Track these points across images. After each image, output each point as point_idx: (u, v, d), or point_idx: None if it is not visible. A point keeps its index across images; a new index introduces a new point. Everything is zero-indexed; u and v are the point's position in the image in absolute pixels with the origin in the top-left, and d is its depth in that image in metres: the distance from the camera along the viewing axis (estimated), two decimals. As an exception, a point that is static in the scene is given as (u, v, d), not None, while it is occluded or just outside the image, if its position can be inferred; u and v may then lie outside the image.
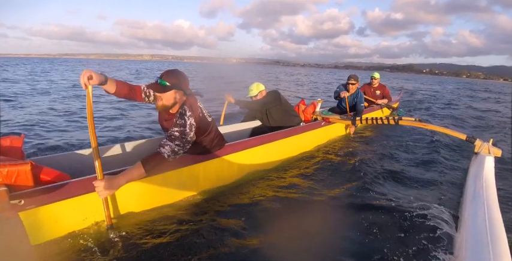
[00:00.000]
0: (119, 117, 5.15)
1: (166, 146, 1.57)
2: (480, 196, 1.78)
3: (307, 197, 2.03)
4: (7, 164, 1.24)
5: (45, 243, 1.30)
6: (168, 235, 1.48)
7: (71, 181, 1.40)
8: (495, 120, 7.07)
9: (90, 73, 1.38)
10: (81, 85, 1.37)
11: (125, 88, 1.65)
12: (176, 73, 1.64)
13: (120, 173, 1.46)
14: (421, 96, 12.78)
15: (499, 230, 1.35)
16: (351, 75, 4.08)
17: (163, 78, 1.59)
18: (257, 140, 2.40)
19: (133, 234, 1.47)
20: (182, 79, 1.65)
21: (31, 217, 1.24)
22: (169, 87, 1.58)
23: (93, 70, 1.39)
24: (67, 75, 15.03)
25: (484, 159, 2.47)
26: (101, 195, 1.36)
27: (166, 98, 1.62)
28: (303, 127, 3.08)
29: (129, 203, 1.61)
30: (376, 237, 1.60)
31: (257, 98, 2.96)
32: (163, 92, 1.58)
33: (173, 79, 1.60)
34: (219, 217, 1.71)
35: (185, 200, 1.84)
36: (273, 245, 1.47)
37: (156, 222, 1.57)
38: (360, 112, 3.94)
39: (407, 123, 3.42)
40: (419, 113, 7.29)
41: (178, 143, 1.60)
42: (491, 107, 10.26)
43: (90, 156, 1.93)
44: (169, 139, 1.60)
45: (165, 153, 1.56)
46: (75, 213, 1.41)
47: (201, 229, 1.56)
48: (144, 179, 1.59)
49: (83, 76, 1.36)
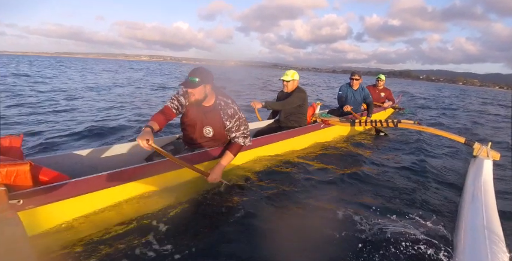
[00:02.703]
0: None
1: (239, 137, 2.01)
2: (478, 199, 1.79)
3: (304, 199, 2.02)
4: (6, 164, 1.24)
5: (44, 242, 1.29)
6: (167, 234, 1.48)
7: (69, 181, 1.40)
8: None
9: (144, 139, 1.57)
10: (146, 148, 1.59)
11: (161, 119, 1.90)
12: (202, 70, 1.86)
13: (216, 164, 1.95)
14: (423, 101, 12.90)
15: (497, 233, 1.36)
16: (354, 71, 4.42)
17: (191, 75, 1.81)
18: (255, 142, 2.40)
19: (133, 232, 1.46)
20: (208, 75, 1.86)
21: (30, 217, 1.24)
22: (199, 82, 1.80)
23: (142, 136, 1.58)
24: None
25: (482, 162, 2.48)
26: (216, 179, 1.92)
27: (198, 93, 1.84)
28: (302, 129, 3.09)
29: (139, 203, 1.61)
30: (373, 240, 1.60)
31: (288, 84, 3.08)
32: (195, 87, 1.80)
33: (201, 75, 1.81)
34: (218, 217, 1.70)
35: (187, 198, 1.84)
36: (269, 246, 1.47)
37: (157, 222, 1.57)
38: (371, 104, 4.39)
39: (407, 125, 3.43)
40: (419, 116, 7.32)
41: (244, 127, 2.02)
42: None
43: (88, 156, 1.94)
44: (236, 130, 1.99)
45: (241, 142, 2.02)
46: (75, 213, 1.41)
47: (201, 229, 1.56)
48: (148, 178, 1.68)
49: (143, 144, 1.56)
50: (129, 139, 3.46)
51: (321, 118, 3.60)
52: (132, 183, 1.64)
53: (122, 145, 2.12)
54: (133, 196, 1.70)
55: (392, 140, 4.12)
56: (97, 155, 1.98)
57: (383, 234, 1.64)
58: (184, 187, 1.90)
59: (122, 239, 1.42)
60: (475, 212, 1.66)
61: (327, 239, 1.58)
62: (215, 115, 1.97)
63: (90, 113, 5.26)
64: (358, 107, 4.47)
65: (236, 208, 1.83)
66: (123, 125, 4.31)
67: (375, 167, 2.80)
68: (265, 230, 1.61)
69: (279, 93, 3.36)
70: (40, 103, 5.95)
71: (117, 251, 1.35)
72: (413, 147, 3.76)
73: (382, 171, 2.72)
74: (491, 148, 2.78)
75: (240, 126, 1.99)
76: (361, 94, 4.36)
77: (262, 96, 9.80)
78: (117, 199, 1.62)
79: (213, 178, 1.91)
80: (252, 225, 1.65)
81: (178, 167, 1.83)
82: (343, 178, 2.49)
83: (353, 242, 1.57)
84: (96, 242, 1.39)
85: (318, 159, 2.92)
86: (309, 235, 1.60)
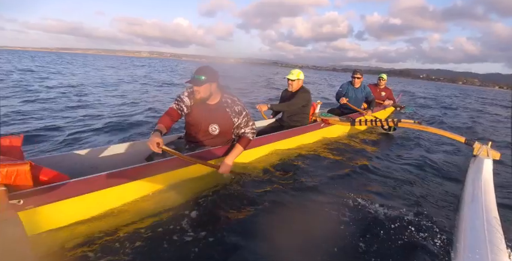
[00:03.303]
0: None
1: (248, 132, 2.09)
2: (478, 199, 1.78)
3: (304, 199, 2.03)
4: (6, 164, 1.24)
5: (44, 242, 1.30)
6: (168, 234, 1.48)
7: (70, 181, 1.40)
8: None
9: (154, 143, 1.68)
10: (157, 151, 1.69)
11: (168, 121, 1.97)
12: (208, 68, 1.90)
13: (227, 155, 2.02)
14: (422, 100, 12.90)
15: (497, 233, 1.35)
16: (356, 70, 4.44)
17: (198, 73, 1.85)
18: (255, 141, 2.40)
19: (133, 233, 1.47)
20: (214, 73, 1.91)
21: (30, 217, 1.24)
22: (205, 80, 1.85)
23: (152, 140, 1.68)
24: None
25: (482, 162, 2.47)
26: (227, 170, 1.98)
27: (203, 90, 1.88)
28: (302, 128, 3.09)
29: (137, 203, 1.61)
30: (373, 240, 1.60)
31: (293, 83, 3.10)
32: (200, 85, 1.85)
33: (207, 74, 1.86)
34: (218, 216, 1.71)
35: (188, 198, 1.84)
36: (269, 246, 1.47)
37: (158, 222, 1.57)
38: (373, 101, 4.45)
39: (407, 125, 3.43)
40: (420, 115, 7.32)
41: (252, 123, 2.10)
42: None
43: (89, 156, 1.94)
44: (244, 126, 2.07)
45: (250, 137, 2.10)
46: (75, 213, 1.41)
47: (199, 229, 1.56)
48: (149, 178, 1.69)
49: (153, 147, 1.68)
50: (146, 135, 3.50)
51: (321, 118, 3.60)
52: (133, 183, 1.64)
53: (122, 144, 2.12)
54: (134, 196, 1.70)
55: (392, 139, 4.12)
56: (97, 155, 1.98)
57: (382, 234, 1.64)
58: (184, 186, 1.90)
59: (122, 240, 1.43)
60: (475, 211, 1.66)
61: (327, 238, 1.58)
62: (221, 112, 2.01)
63: (104, 109, 5.34)
64: (358, 105, 4.48)
65: (237, 206, 1.83)
66: (141, 121, 4.41)
67: (374, 167, 2.80)
68: (267, 227, 1.61)
69: (282, 92, 3.37)
70: (52, 98, 6.05)
71: (117, 251, 1.35)
72: (413, 147, 3.76)
73: (382, 170, 2.72)
74: (491, 147, 2.78)
75: (248, 122, 2.08)
76: (362, 92, 4.38)
77: (266, 94, 9.80)
78: (117, 199, 1.62)
79: (224, 169, 1.97)
80: (254, 222, 1.65)
81: (179, 167, 1.83)
82: (343, 176, 2.49)
83: (353, 242, 1.57)
84: (96, 242, 1.39)
85: (318, 158, 2.92)
86: (311, 232, 1.60)
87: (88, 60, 36.22)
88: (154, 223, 1.57)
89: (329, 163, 2.80)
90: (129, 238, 1.43)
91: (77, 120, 4.27)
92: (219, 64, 2.07)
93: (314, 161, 2.80)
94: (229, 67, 9.30)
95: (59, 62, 23.80)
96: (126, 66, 26.75)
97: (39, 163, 1.50)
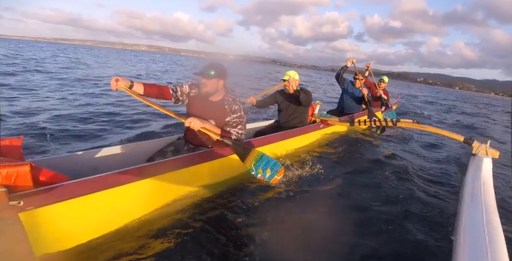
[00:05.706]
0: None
1: (233, 134, 1.97)
2: (478, 198, 1.79)
3: (304, 199, 2.03)
4: (6, 165, 1.24)
5: (44, 244, 1.29)
6: (168, 234, 1.48)
7: (70, 182, 1.40)
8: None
9: (117, 77, 1.70)
10: (112, 87, 1.69)
11: (153, 88, 1.93)
12: (219, 65, 1.94)
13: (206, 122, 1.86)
14: (421, 104, 12.96)
15: (497, 232, 1.35)
16: (357, 71, 4.52)
17: (209, 67, 1.88)
18: (255, 142, 2.41)
19: (134, 234, 1.47)
20: (224, 71, 1.95)
21: (31, 218, 1.24)
22: (215, 75, 1.88)
23: (115, 77, 1.70)
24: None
25: (481, 161, 2.48)
26: (195, 124, 1.77)
27: (211, 85, 1.90)
28: (301, 129, 3.10)
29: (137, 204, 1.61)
30: (372, 239, 1.60)
31: (295, 82, 3.07)
32: (209, 79, 1.88)
33: (217, 70, 1.90)
34: (218, 216, 1.71)
35: (188, 199, 1.84)
36: (271, 244, 1.47)
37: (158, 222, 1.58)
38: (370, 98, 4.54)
39: (406, 124, 3.44)
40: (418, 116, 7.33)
41: (240, 127, 2.02)
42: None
43: (89, 157, 1.94)
44: (232, 127, 1.99)
45: (233, 134, 1.97)
46: (75, 214, 1.41)
47: (200, 229, 1.56)
48: (150, 179, 1.66)
49: (112, 81, 1.69)
50: (149, 137, 3.50)
51: (320, 118, 3.60)
52: (134, 183, 1.64)
53: (123, 146, 2.11)
54: (134, 197, 1.69)
55: (391, 139, 4.13)
56: (97, 156, 1.98)
57: (382, 234, 1.64)
58: (185, 186, 1.90)
59: (122, 240, 1.43)
60: (474, 210, 1.66)
61: (327, 238, 1.58)
62: (221, 109, 2.02)
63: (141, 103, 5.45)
64: (356, 102, 4.58)
65: (237, 206, 1.83)
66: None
67: (374, 167, 2.81)
68: (267, 227, 1.61)
69: (277, 95, 3.25)
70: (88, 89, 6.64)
71: (117, 252, 1.36)
72: (412, 146, 3.77)
73: (381, 170, 2.72)
74: (490, 146, 2.79)
75: (237, 124, 2.03)
76: (360, 92, 4.45)
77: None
78: (118, 200, 1.62)
79: (191, 120, 1.77)
80: (255, 222, 1.66)
81: (180, 168, 1.83)
82: (342, 176, 2.49)
83: (353, 242, 1.57)
84: (97, 242, 1.39)
85: (318, 159, 2.92)
86: (310, 232, 1.61)
87: (87, 52, 36.12)
88: (156, 223, 1.57)
89: (329, 163, 2.81)
90: (130, 238, 1.43)
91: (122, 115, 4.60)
92: (219, 60, 2.05)
93: (314, 162, 2.80)
94: (229, 65, 9.35)
95: (69, 54, 24.67)
96: (135, 60, 27.00)
97: (40, 164, 1.49)
